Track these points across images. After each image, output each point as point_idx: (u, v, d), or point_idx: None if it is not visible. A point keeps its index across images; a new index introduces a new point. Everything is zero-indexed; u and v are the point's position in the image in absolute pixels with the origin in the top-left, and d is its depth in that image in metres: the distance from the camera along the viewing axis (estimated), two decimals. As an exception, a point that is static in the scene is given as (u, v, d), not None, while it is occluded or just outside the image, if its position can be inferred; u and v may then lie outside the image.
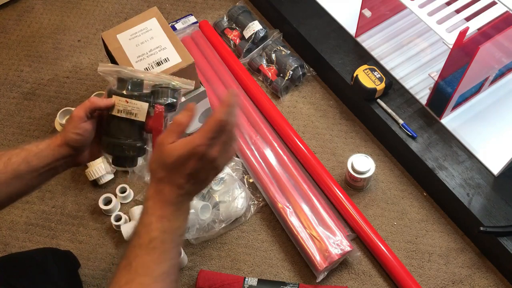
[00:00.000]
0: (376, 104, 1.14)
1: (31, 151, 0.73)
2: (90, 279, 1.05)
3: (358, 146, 1.19)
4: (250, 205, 1.11)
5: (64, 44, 1.45)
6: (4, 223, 1.14)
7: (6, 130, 1.29)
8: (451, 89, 1.03)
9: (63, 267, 0.98)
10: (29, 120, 1.30)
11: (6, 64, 1.42)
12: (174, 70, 0.98)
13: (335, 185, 1.10)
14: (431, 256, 1.04)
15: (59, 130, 1.22)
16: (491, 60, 1.01)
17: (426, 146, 1.08)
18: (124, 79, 0.75)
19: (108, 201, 1.13)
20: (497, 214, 0.98)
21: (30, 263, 0.91)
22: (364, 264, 1.04)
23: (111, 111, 0.74)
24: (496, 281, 1.00)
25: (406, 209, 1.10)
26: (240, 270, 1.05)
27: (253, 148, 1.16)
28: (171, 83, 0.76)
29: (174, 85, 0.77)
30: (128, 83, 0.74)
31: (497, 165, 1.03)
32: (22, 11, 1.54)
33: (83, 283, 1.04)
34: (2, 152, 0.73)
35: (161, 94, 0.75)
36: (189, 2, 1.51)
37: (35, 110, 1.32)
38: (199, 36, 1.37)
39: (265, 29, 1.35)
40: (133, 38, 1.03)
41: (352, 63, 1.21)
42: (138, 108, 0.74)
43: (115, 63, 1.02)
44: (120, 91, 0.74)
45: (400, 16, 1.28)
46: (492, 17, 0.97)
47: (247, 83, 1.27)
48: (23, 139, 1.27)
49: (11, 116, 1.31)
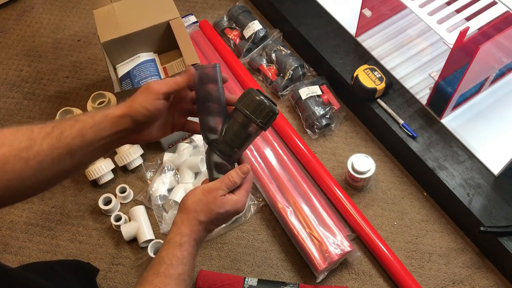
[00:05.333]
0: (376, 104, 1.14)
1: (87, 123, 0.64)
2: (90, 279, 1.05)
3: (358, 146, 1.19)
4: (250, 205, 1.11)
5: (64, 44, 1.45)
6: (4, 223, 1.14)
7: (6, 130, 1.28)
8: (451, 89, 1.03)
9: (83, 278, 0.98)
10: (29, 120, 1.30)
11: (6, 63, 1.42)
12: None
13: (335, 185, 1.10)
14: (431, 256, 1.04)
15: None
16: (491, 60, 1.01)
17: (426, 146, 1.08)
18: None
19: (108, 201, 1.13)
20: (497, 214, 0.98)
21: (51, 273, 0.91)
22: (364, 264, 1.04)
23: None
24: (496, 281, 1.00)
25: (406, 209, 1.10)
26: (240, 270, 1.05)
27: (253, 148, 1.16)
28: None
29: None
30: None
31: (497, 165, 1.03)
32: (22, 11, 1.54)
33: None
34: (53, 123, 0.64)
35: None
36: (189, 1, 1.51)
37: (35, 110, 1.32)
38: (199, 35, 1.37)
39: (265, 28, 1.34)
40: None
41: (352, 63, 1.21)
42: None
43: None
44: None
45: (400, 16, 1.28)
46: (492, 17, 0.96)
47: (247, 83, 1.27)
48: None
49: (11, 116, 1.31)
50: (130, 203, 1.15)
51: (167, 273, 0.63)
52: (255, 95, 0.68)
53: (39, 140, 0.62)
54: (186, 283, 0.65)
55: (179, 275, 0.64)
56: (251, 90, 0.69)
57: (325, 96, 1.20)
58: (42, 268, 0.94)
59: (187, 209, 0.67)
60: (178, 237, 0.66)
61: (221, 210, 0.67)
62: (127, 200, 1.15)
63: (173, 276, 0.63)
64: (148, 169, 1.18)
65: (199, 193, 0.68)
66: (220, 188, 0.68)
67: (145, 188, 1.15)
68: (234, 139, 0.70)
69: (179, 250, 0.65)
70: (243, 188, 0.71)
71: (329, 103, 1.20)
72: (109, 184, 1.17)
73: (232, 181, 0.69)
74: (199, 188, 0.69)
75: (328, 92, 1.22)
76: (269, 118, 0.68)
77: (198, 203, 0.67)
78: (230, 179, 0.69)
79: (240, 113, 0.68)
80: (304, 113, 1.21)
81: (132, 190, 1.16)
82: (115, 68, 1.15)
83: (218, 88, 0.70)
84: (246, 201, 0.71)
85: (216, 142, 0.70)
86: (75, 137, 0.63)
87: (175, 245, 0.65)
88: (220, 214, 0.68)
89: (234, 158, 0.72)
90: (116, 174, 1.19)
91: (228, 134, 0.70)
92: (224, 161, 0.71)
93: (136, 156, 1.16)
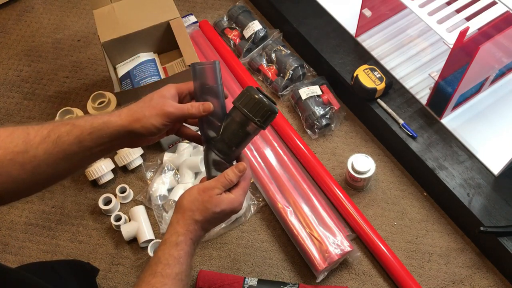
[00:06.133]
0: (376, 104, 1.14)
1: (85, 129, 0.63)
2: (90, 279, 1.05)
3: (358, 146, 1.19)
4: (250, 205, 1.11)
5: (64, 44, 1.45)
6: (4, 223, 1.14)
7: (6, 130, 1.28)
8: (451, 89, 1.03)
9: (82, 278, 0.98)
10: (28, 120, 1.29)
11: (5, 63, 1.42)
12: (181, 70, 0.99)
13: (335, 185, 1.10)
14: (431, 256, 1.04)
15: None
16: (491, 60, 1.01)
17: (426, 146, 1.08)
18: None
19: (108, 201, 1.13)
20: (497, 214, 0.98)
21: (50, 273, 0.91)
22: (364, 264, 1.04)
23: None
24: (496, 281, 1.00)
25: (406, 209, 1.10)
26: (240, 270, 1.04)
27: (253, 148, 1.16)
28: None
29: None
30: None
31: (498, 165, 1.03)
32: (22, 11, 1.54)
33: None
34: (50, 126, 0.63)
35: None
36: (189, 1, 1.51)
37: (35, 110, 1.32)
38: (199, 35, 1.37)
39: (265, 28, 1.34)
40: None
41: (352, 63, 1.21)
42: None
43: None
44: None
45: (400, 15, 1.28)
46: (492, 17, 0.96)
47: (247, 83, 1.27)
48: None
49: (11, 116, 1.31)
50: (130, 203, 1.15)
51: (164, 273, 0.63)
52: (254, 94, 0.67)
53: (35, 144, 0.61)
54: (183, 283, 0.64)
55: (176, 275, 0.63)
56: (250, 88, 0.68)
57: (325, 96, 1.20)
58: (42, 268, 0.93)
59: (183, 209, 0.67)
60: (174, 236, 0.65)
61: (216, 209, 0.66)
62: (127, 200, 1.15)
63: (170, 276, 0.63)
64: (148, 169, 1.18)
65: (195, 192, 0.67)
66: (215, 187, 0.67)
67: (145, 188, 1.15)
68: (232, 138, 0.69)
69: (175, 250, 0.64)
70: (240, 186, 0.69)
71: (329, 103, 1.20)
72: (109, 184, 1.17)
73: (228, 179, 0.68)
74: (195, 187, 0.68)
75: (328, 92, 1.22)
76: (268, 117, 0.68)
77: (194, 202, 0.67)
78: (226, 177, 0.68)
79: (239, 112, 0.67)
80: (304, 113, 1.21)
81: (132, 190, 1.16)
82: (115, 68, 1.15)
83: (217, 86, 0.69)
84: (243, 200, 0.70)
85: (214, 140, 0.70)
86: (72, 143, 0.62)
87: (172, 244, 0.65)
88: (216, 213, 0.67)
89: (232, 157, 0.71)
90: (116, 174, 1.19)
91: (226, 133, 0.69)
92: (222, 159, 0.70)
93: (136, 156, 1.16)
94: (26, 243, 1.11)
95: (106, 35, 1.07)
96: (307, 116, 1.19)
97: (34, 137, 0.61)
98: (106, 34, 1.07)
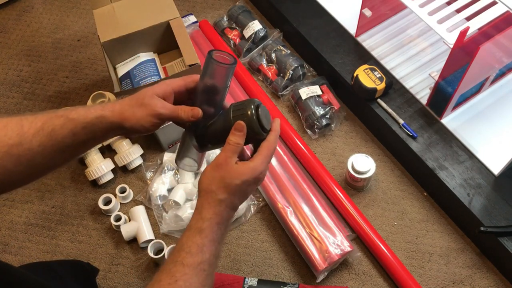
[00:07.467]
0: (376, 104, 1.14)
1: (78, 122, 0.63)
2: (90, 279, 1.05)
3: (358, 146, 1.19)
4: (250, 205, 1.11)
5: (64, 44, 1.45)
6: (4, 223, 1.14)
7: (5, 130, 1.28)
8: (451, 89, 1.03)
9: (82, 278, 0.97)
10: (28, 120, 1.29)
11: (5, 63, 1.42)
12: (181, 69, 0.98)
13: (335, 185, 1.10)
14: (431, 256, 1.04)
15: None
16: (491, 60, 1.01)
17: (427, 146, 1.08)
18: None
19: (108, 201, 1.13)
20: (498, 214, 0.98)
21: (50, 273, 0.90)
22: (364, 265, 1.04)
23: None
24: (496, 281, 1.00)
25: (406, 209, 1.10)
26: (240, 270, 1.04)
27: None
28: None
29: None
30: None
31: (498, 165, 1.03)
32: (21, 11, 1.54)
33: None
34: (44, 118, 0.63)
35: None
36: (189, 1, 1.51)
37: (35, 110, 1.31)
38: (199, 35, 1.37)
39: (265, 28, 1.34)
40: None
41: (352, 62, 1.21)
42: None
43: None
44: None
45: (401, 15, 1.28)
46: (493, 17, 0.96)
47: (247, 83, 1.27)
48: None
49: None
50: (130, 203, 1.15)
51: (185, 262, 0.59)
52: (249, 109, 0.65)
53: (29, 137, 0.61)
54: (206, 273, 0.60)
55: (198, 264, 0.59)
56: (252, 102, 0.66)
57: (325, 96, 1.20)
58: (42, 268, 0.93)
59: (204, 191, 0.63)
60: (199, 223, 0.61)
61: (237, 182, 0.61)
62: (127, 200, 1.15)
63: (192, 266, 0.59)
64: (148, 169, 1.18)
65: (210, 170, 0.63)
66: (227, 157, 0.63)
67: (145, 188, 1.15)
68: (212, 136, 0.69)
69: (199, 237, 0.60)
70: (260, 153, 0.64)
71: (329, 103, 1.20)
72: (109, 184, 1.17)
73: (233, 143, 0.63)
74: (208, 166, 0.64)
75: (328, 92, 1.22)
76: (249, 138, 0.66)
77: (213, 181, 0.62)
78: (231, 142, 0.63)
79: (229, 116, 0.66)
80: (304, 113, 1.21)
81: (132, 190, 1.16)
82: (115, 68, 1.15)
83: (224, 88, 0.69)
84: (266, 168, 0.64)
85: (198, 127, 0.70)
86: (66, 136, 0.63)
87: (196, 231, 0.61)
88: (239, 185, 0.62)
89: (205, 149, 0.72)
90: (116, 174, 1.19)
91: (211, 128, 0.69)
92: (195, 147, 0.70)
93: (136, 156, 1.16)
94: (26, 243, 1.11)
95: (106, 35, 1.07)
96: (307, 116, 1.19)
97: (28, 130, 0.62)
98: (106, 34, 1.07)
